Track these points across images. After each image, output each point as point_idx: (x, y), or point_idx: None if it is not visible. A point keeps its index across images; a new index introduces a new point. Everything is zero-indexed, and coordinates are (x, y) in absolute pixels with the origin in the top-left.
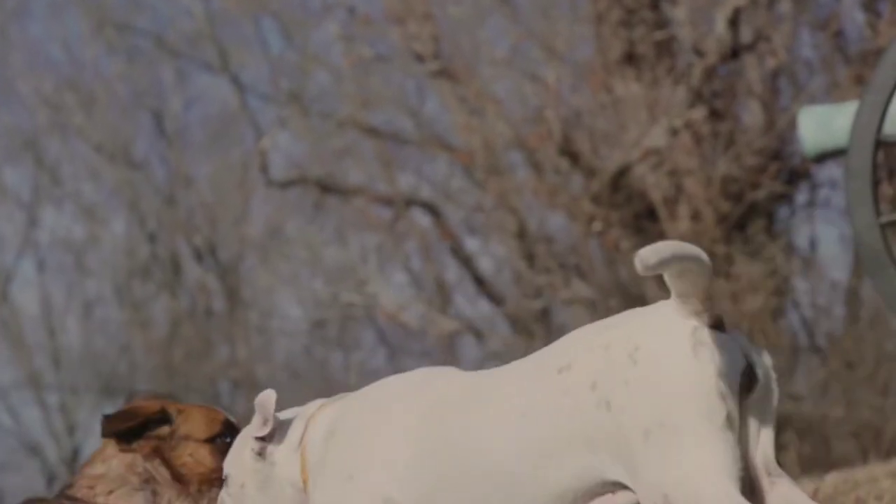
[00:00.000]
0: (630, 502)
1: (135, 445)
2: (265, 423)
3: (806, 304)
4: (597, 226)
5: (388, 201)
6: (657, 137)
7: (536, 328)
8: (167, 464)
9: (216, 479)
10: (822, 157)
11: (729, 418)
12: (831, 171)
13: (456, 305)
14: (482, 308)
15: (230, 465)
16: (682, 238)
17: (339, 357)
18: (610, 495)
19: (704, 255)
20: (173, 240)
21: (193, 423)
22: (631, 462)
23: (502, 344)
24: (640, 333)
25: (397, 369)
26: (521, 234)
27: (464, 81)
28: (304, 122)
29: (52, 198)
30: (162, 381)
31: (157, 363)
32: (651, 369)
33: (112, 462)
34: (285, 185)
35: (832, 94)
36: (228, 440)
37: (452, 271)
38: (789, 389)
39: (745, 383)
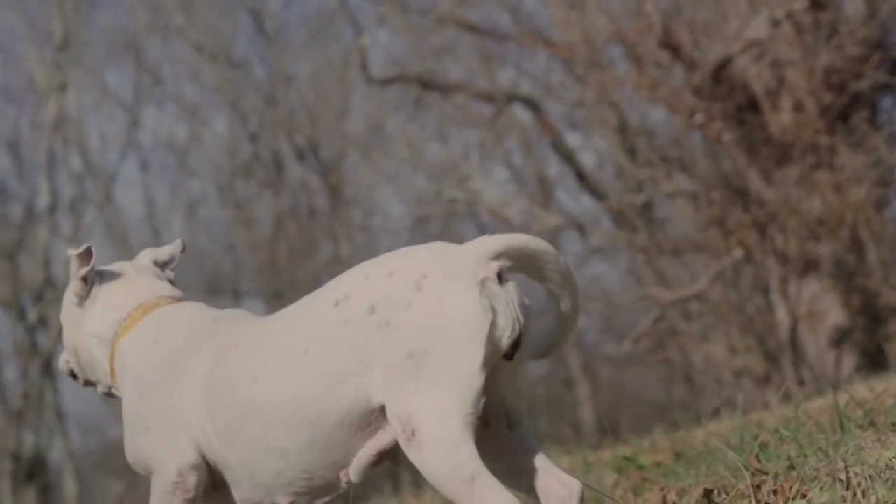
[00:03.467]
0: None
1: None
2: (82, 268)
3: None
4: (698, 118)
5: (488, 97)
6: (758, 28)
7: (639, 222)
8: None
9: None
10: None
11: (485, 365)
12: None
13: (558, 200)
14: (584, 203)
15: (62, 316)
16: (785, 129)
17: None
18: (381, 432)
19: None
20: (275, 139)
21: None
22: (391, 377)
23: (605, 238)
24: (431, 266)
25: None
26: (623, 128)
27: None
28: (404, 19)
29: (154, 98)
30: (267, 279)
31: (261, 262)
32: (435, 298)
33: None
34: (385, 82)
35: None
36: None
37: (554, 166)
38: (894, 280)
39: (515, 338)
